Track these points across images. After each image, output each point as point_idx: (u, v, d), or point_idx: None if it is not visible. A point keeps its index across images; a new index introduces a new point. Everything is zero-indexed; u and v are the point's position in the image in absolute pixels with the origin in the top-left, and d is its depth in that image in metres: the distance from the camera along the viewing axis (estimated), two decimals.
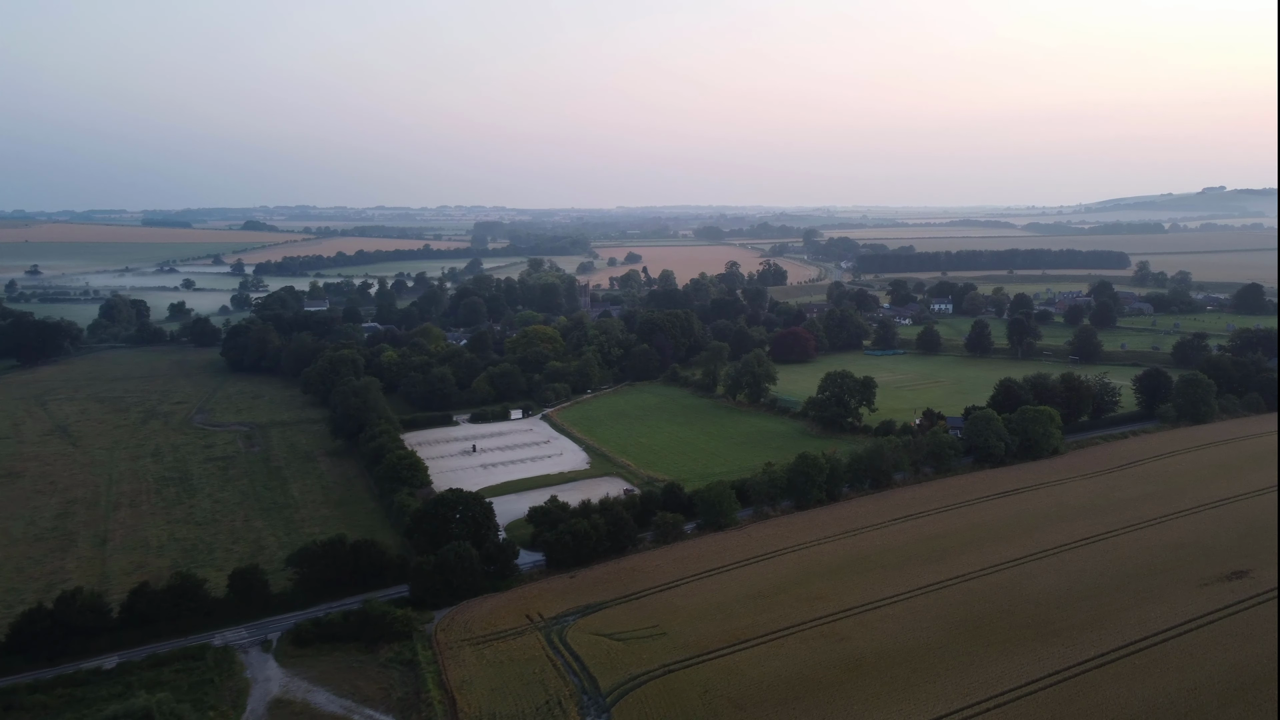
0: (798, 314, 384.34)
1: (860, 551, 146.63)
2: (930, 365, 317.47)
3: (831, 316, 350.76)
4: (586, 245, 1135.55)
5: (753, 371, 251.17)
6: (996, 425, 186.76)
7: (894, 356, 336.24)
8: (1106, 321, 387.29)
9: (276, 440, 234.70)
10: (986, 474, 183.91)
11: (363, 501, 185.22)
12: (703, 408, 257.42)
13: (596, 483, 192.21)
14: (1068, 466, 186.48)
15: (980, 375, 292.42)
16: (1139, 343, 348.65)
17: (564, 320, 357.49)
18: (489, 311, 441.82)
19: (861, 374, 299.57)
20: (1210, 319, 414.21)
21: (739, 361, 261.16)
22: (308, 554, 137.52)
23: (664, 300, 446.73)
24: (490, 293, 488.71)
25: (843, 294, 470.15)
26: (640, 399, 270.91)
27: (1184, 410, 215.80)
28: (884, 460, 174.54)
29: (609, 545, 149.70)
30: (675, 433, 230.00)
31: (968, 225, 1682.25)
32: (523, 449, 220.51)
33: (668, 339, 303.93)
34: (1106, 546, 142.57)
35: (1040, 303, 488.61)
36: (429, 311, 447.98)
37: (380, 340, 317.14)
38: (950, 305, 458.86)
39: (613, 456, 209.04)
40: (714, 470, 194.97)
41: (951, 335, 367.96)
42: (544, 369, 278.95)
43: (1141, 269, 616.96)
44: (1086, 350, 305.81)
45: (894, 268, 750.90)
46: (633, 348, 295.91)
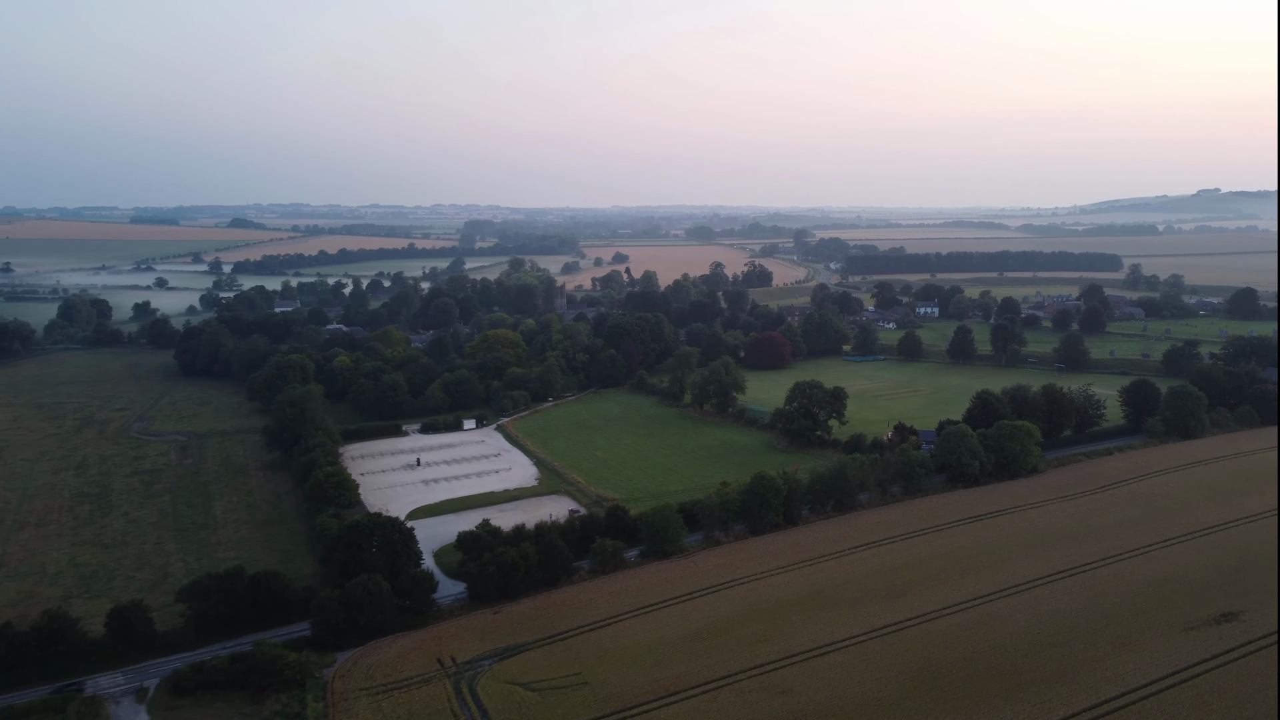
0: (777, 318, 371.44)
1: (814, 584, 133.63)
2: (910, 372, 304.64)
3: (810, 321, 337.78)
4: (575, 245, 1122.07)
5: (719, 380, 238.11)
6: (970, 442, 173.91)
7: (874, 363, 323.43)
8: (1096, 327, 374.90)
9: (212, 452, 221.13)
10: (959, 495, 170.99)
11: (288, 522, 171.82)
12: (667, 418, 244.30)
13: (541, 502, 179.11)
14: (1047, 487, 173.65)
15: (961, 384, 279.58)
16: (1129, 349, 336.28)
17: (531, 324, 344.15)
18: (462, 313, 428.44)
19: (839, 381, 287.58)
20: (1203, 324, 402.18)
21: (705, 369, 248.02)
22: (199, 588, 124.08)
23: (641, 302, 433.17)
24: (464, 294, 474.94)
25: (826, 296, 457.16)
26: (603, 408, 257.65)
27: (1172, 425, 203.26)
28: (848, 481, 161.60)
29: (540, 576, 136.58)
30: (634, 445, 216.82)
31: (961, 226, 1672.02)
32: (470, 463, 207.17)
33: (636, 344, 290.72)
34: (1083, 581, 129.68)
35: (1029, 306, 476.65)
36: (399, 313, 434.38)
37: (338, 343, 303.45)
38: (936, 309, 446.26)
39: (563, 472, 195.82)
40: (669, 488, 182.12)
41: (935, 340, 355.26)
42: (504, 375, 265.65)
43: (1134, 272, 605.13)
44: (1073, 358, 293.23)
45: (883, 269, 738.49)
46: (599, 353, 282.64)
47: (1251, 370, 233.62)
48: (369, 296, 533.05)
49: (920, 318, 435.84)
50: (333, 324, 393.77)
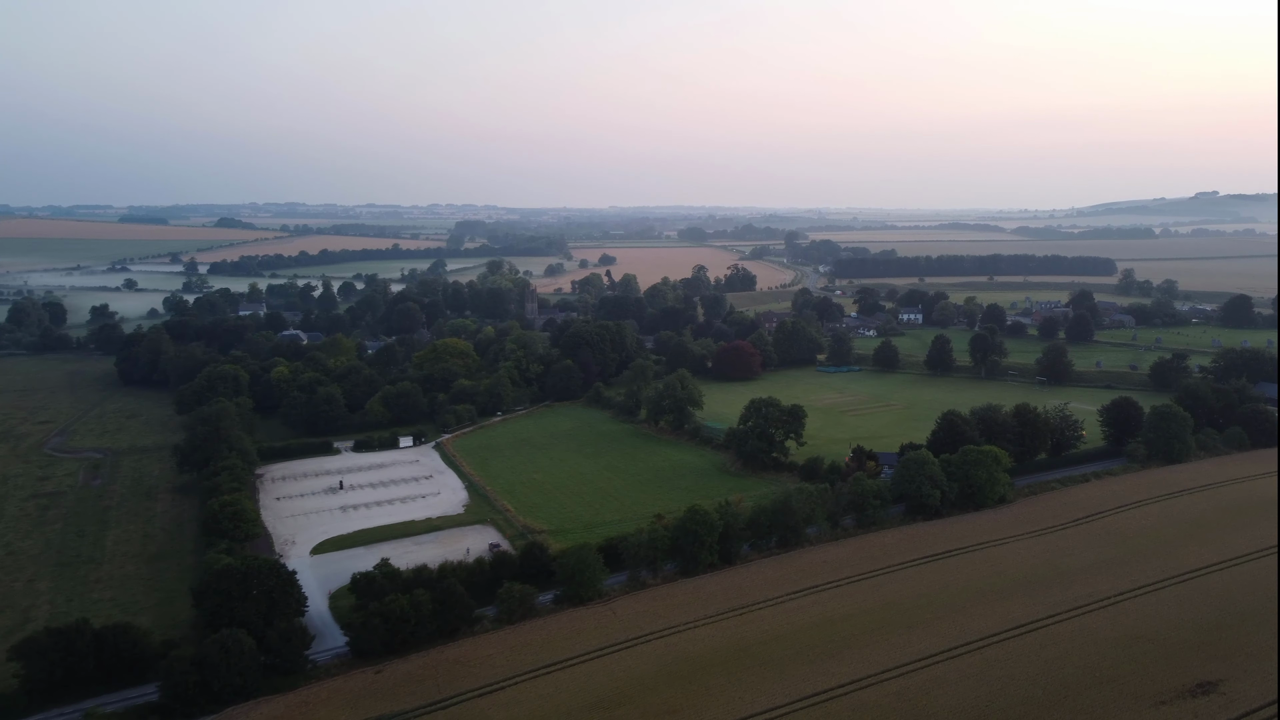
0: (751, 325, 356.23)
1: (742, 638, 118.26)
2: (885, 384, 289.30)
3: (782, 330, 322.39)
4: (563, 246, 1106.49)
5: (675, 395, 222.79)
6: (931, 470, 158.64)
7: (848, 374, 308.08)
8: (1083, 335, 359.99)
9: (126, 471, 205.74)
10: (917, 529, 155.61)
11: (183, 557, 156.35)
12: (619, 435, 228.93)
13: (464, 533, 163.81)
14: (1014, 520, 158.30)
15: (937, 398, 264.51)
16: (1116, 360, 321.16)
17: (490, 331, 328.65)
18: (428, 318, 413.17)
19: (810, 394, 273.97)
20: (1195, 333, 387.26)
21: (661, 382, 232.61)
22: (35, 645, 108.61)
23: (615, 307, 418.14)
24: (433, 298, 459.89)
25: (807, 302, 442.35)
26: (554, 423, 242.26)
27: (1155, 448, 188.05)
28: (792, 514, 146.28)
29: (436, 627, 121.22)
30: (578, 467, 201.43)
31: (957, 228, 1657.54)
32: (398, 486, 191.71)
33: (595, 354, 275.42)
34: (1044, 639, 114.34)
35: (1016, 313, 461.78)
36: (364, 317, 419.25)
37: (282, 352, 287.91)
38: (920, 315, 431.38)
39: (494, 498, 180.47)
40: (604, 518, 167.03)
41: (916, 349, 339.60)
42: (451, 388, 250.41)
43: (1126, 277, 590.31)
44: (1055, 371, 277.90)
45: (872, 272, 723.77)
46: (554, 364, 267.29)
47: (1242, 387, 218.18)
48: (338, 300, 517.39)
49: (903, 325, 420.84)
50: (290, 329, 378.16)
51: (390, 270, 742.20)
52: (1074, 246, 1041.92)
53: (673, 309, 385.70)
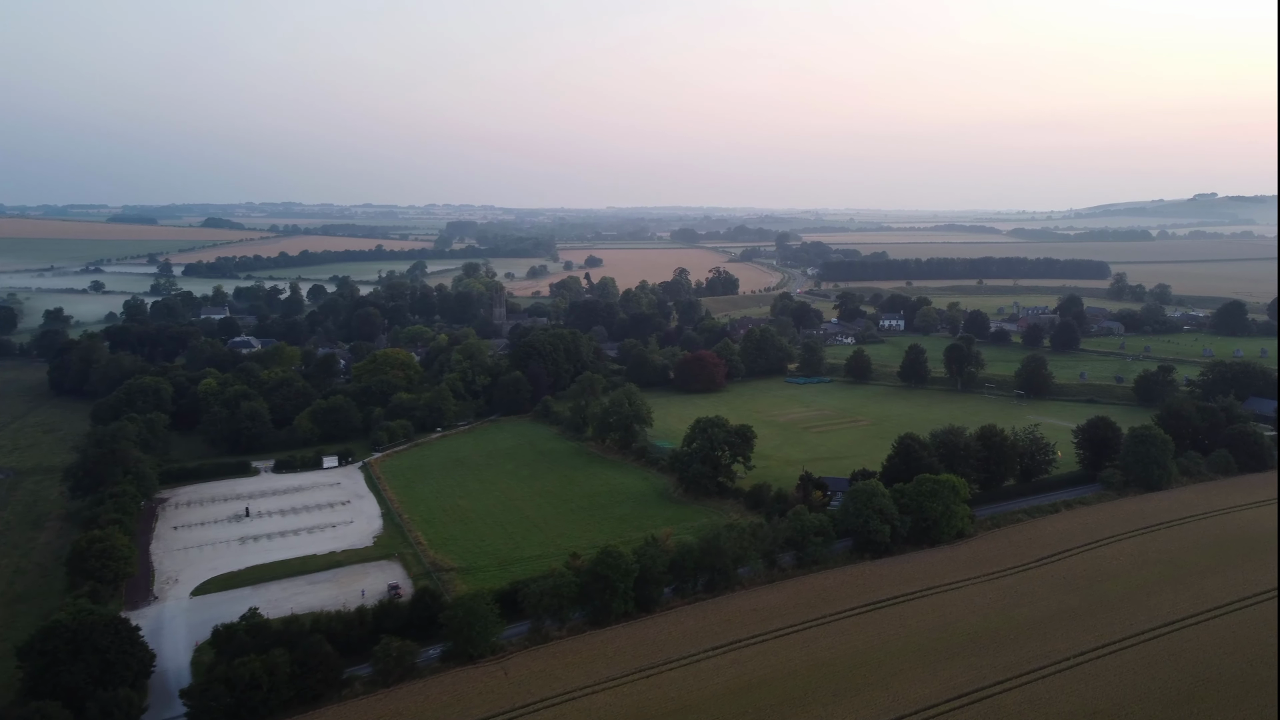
0: (720, 332, 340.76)
1: (643, 709, 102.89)
2: (856, 397, 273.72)
3: (750, 338, 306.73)
4: (551, 247, 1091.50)
5: (621, 412, 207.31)
6: (881, 502, 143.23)
7: (819, 386, 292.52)
8: (1069, 344, 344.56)
9: (23, 495, 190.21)
10: (863, 569, 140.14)
11: (49, 598, 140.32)
12: (562, 455, 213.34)
13: (365, 570, 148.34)
14: (971, 558, 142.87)
15: (908, 413, 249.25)
16: (1102, 371, 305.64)
17: (443, 339, 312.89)
18: (391, 323, 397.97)
19: (776, 407, 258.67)
20: (1186, 341, 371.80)
21: (608, 397, 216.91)
22: None
23: (585, 312, 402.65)
24: (399, 302, 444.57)
25: (786, 308, 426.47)
26: (495, 440, 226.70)
27: (1133, 474, 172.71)
28: (721, 555, 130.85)
29: (294, 693, 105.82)
30: (509, 491, 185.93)
31: (952, 230, 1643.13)
32: (309, 513, 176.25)
33: (547, 365, 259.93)
34: (986, 713, 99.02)
35: (1002, 318, 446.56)
36: (325, 322, 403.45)
37: (218, 361, 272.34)
38: (902, 321, 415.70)
39: (409, 529, 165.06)
40: (523, 553, 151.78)
41: (893, 358, 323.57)
42: (389, 402, 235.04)
43: (1118, 281, 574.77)
44: (1034, 384, 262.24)
45: (860, 275, 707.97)
46: (502, 376, 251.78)
47: (1229, 405, 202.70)
48: (306, 303, 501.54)
49: (883, 331, 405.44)
50: (243, 336, 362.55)
51: (368, 272, 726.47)
52: (1069, 249, 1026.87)
53: (642, 315, 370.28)
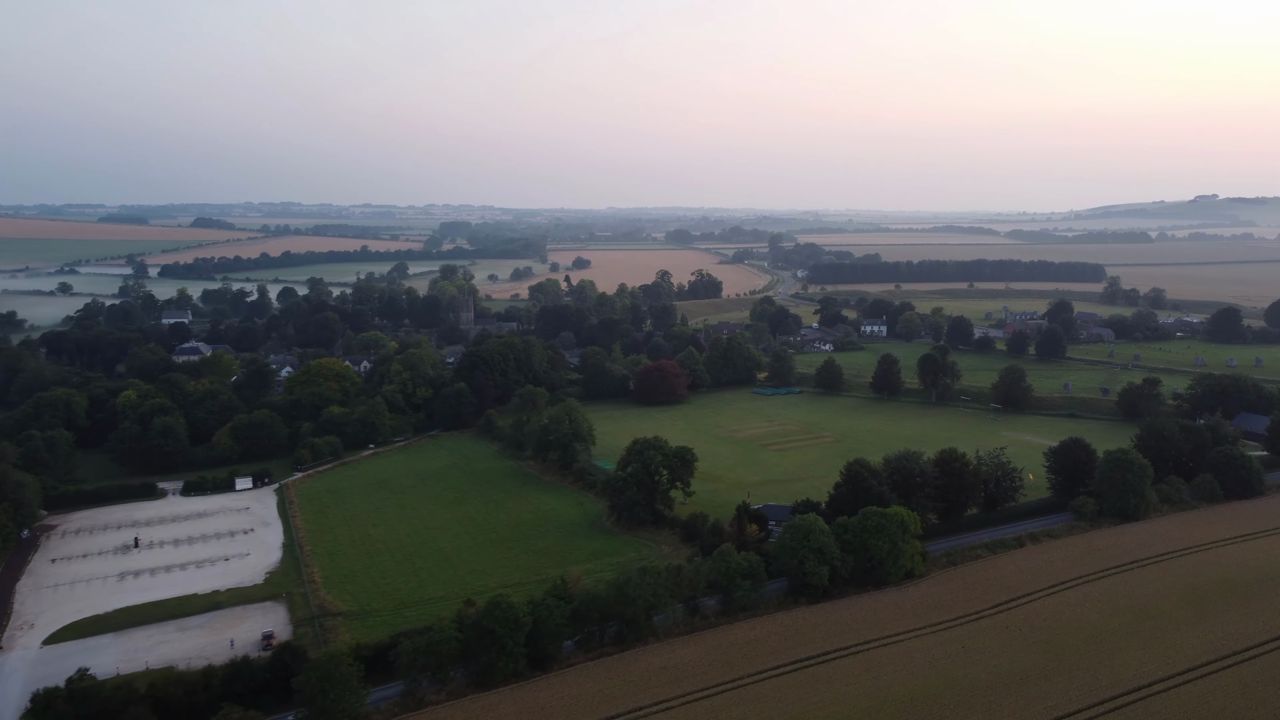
0: (689, 339, 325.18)
1: None
2: (824, 410, 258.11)
3: (716, 347, 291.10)
4: (541, 248, 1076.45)
5: (560, 430, 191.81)
6: (820, 540, 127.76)
7: (787, 397, 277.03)
8: (1054, 352, 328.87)
9: None
10: (797, 617, 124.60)
11: None
12: (497, 475, 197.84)
13: (245, 614, 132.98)
14: (919, 603, 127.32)
15: (877, 428, 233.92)
16: (1088, 381, 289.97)
17: (392, 345, 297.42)
18: (352, 328, 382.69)
19: (740, 420, 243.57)
20: (1178, 349, 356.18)
21: (547, 413, 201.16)
22: None
23: (554, 318, 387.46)
24: (364, 305, 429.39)
25: (764, 312, 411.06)
26: (429, 459, 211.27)
27: (1107, 502, 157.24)
28: (631, 603, 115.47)
29: None
30: (430, 519, 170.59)
31: (950, 231, 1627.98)
32: (205, 544, 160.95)
33: (493, 376, 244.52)
34: None
35: (990, 324, 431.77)
36: (283, 327, 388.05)
37: (145, 372, 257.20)
38: (884, 327, 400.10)
39: (307, 563, 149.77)
40: (427, 593, 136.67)
41: (868, 367, 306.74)
42: (320, 416, 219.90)
43: (1112, 285, 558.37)
44: (1012, 396, 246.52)
45: (849, 278, 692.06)
46: (444, 388, 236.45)
47: (1216, 425, 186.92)
48: (274, 306, 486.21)
49: (865, 337, 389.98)
50: (194, 342, 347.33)
51: (348, 274, 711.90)
52: (1065, 251, 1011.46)
53: (611, 321, 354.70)
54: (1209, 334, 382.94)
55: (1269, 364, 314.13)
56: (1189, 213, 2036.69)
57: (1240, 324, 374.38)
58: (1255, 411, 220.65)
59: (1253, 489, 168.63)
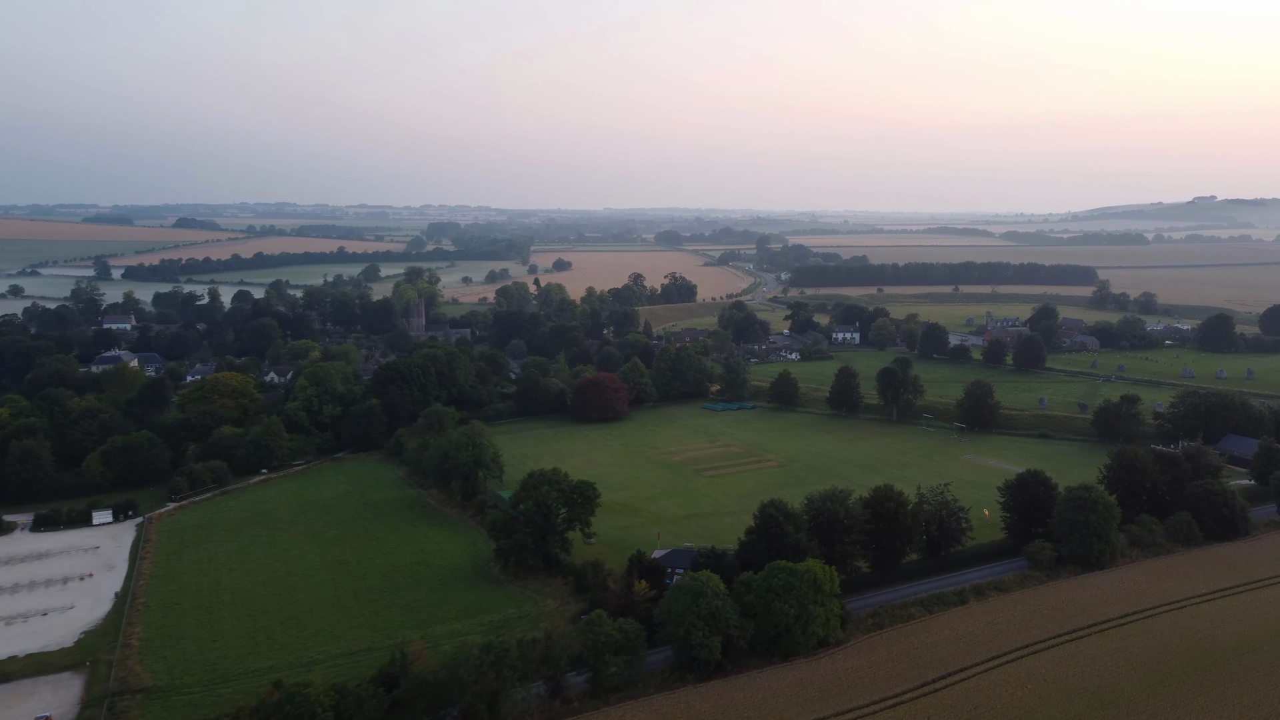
0: (643, 349, 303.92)
1: None
2: (775, 428, 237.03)
3: (664, 358, 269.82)
4: (524, 249, 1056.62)
5: (458, 456, 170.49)
6: (711, 603, 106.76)
7: (738, 413, 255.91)
8: (1033, 362, 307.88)
9: None
10: (680, 699, 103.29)
11: None
12: (392, 507, 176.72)
13: (34, 688, 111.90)
14: (831, 681, 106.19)
15: (828, 450, 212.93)
16: (1066, 395, 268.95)
17: (315, 354, 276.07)
18: (293, 335, 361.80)
19: (682, 438, 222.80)
20: (1166, 358, 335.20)
21: (445, 437, 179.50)
22: None
23: (507, 324, 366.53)
24: (318, 310, 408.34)
25: (731, 319, 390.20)
26: (324, 486, 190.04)
27: (1067, 547, 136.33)
28: (467, 691, 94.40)
29: None
30: (298, 561, 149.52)
31: (945, 233, 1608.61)
32: (29, 593, 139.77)
33: (411, 391, 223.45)
34: None
35: (969, 330, 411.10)
36: (221, 334, 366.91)
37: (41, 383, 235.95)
38: (857, 334, 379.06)
39: (133, 619, 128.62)
40: (256, 663, 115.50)
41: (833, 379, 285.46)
42: (210, 436, 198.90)
43: (1101, 289, 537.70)
44: (978, 414, 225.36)
45: (832, 280, 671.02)
46: (354, 404, 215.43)
47: (1197, 452, 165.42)
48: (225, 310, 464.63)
49: (835, 346, 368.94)
50: (118, 350, 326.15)
51: (317, 276, 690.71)
52: (1058, 253, 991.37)
53: (561, 328, 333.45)
54: (1199, 342, 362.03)
55: (1261, 375, 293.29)
56: (1187, 214, 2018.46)
57: (1232, 331, 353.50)
58: (1243, 433, 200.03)
59: (1235, 529, 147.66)
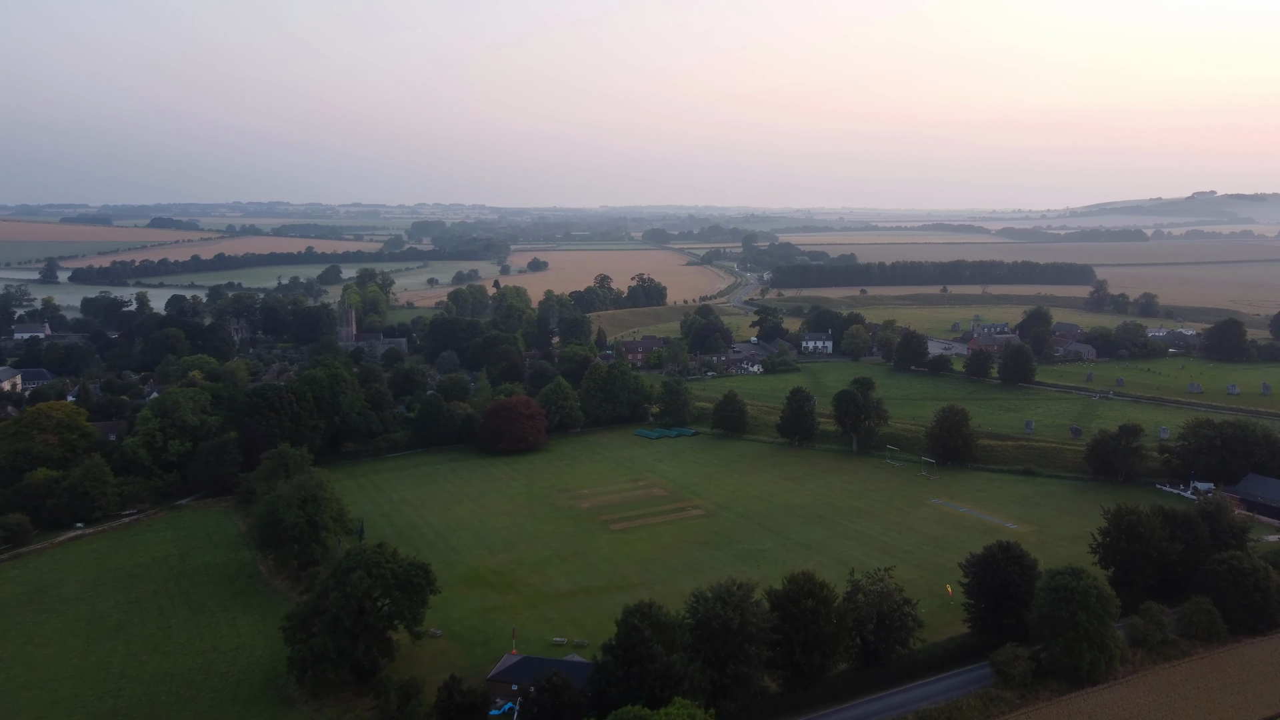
0: (580, 363, 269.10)
1: None
2: (714, 461, 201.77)
3: (593, 377, 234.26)
4: (504, 249, 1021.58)
5: (288, 515, 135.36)
6: None
7: (677, 440, 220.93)
8: (1021, 375, 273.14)
9: None
10: None
11: None
12: (214, 577, 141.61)
13: None
14: None
15: (771, 492, 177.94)
16: (1056, 416, 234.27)
17: (196, 374, 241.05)
18: (205, 347, 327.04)
19: (596, 478, 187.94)
20: (1170, 369, 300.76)
21: (275, 492, 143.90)
22: None
23: (442, 332, 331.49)
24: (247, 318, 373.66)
25: (693, 325, 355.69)
26: (142, 547, 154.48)
27: (1050, 654, 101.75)
28: None
29: None
30: (50, 664, 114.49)
31: (940, 230, 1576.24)
32: None
33: (280, 422, 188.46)
34: None
35: (954, 336, 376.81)
36: (125, 347, 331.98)
37: None
38: (830, 342, 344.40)
39: None
40: None
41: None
42: (23, 480, 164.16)
43: (1099, 290, 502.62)
44: (950, 446, 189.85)
45: (816, 281, 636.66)
46: (206, 439, 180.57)
47: (1217, 509, 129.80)
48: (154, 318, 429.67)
49: (805, 355, 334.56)
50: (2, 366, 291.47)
51: (268, 279, 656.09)
52: (1055, 251, 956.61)
53: (492, 339, 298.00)
54: (1206, 350, 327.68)
55: (1278, 391, 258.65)
56: (1186, 210, 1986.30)
57: (1242, 339, 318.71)
58: (1267, 472, 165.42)
59: (1270, 619, 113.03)
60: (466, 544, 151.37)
